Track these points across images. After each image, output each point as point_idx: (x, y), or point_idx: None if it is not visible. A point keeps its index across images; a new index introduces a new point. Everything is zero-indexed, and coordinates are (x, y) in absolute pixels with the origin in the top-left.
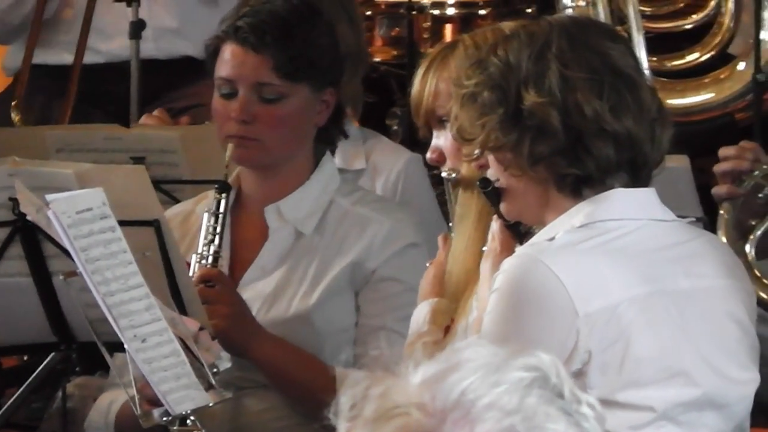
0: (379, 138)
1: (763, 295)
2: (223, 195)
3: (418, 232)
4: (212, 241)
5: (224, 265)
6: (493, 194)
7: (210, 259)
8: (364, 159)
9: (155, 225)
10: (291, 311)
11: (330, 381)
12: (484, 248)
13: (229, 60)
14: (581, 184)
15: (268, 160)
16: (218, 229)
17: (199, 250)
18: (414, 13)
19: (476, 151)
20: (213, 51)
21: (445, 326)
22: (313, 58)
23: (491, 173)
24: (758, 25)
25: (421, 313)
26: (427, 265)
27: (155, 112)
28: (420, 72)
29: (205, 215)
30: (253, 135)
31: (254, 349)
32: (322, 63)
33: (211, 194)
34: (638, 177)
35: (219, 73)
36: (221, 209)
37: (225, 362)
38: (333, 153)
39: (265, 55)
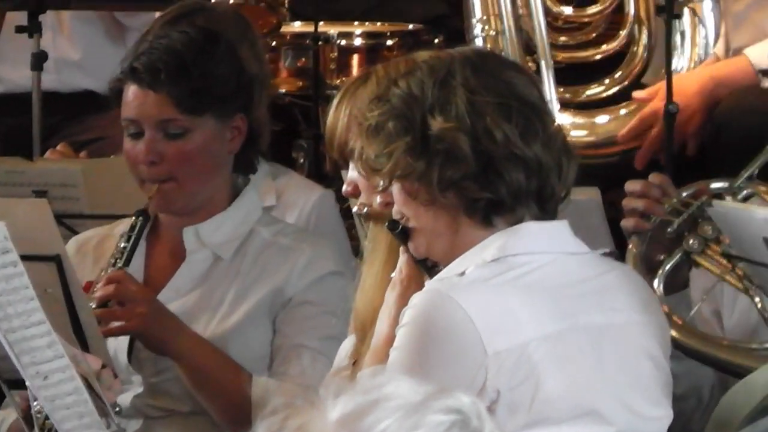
0: (290, 174)
1: (674, 334)
2: (140, 219)
3: (339, 260)
4: (119, 259)
5: None
6: (401, 234)
7: None
8: (274, 195)
9: (56, 260)
10: (207, 335)
11: (245, 384)
12: (392, 275)
13: (130, 101)
14: (492, 212)
15: (187, 200)
16: (128, 248)
17: (108, 271)
18: (320, 43)
19: (384, 182)
20: (116, 92)
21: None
22: (214, 89)
23: (397, 209)
24: (669, 54)
25: (344, 348)
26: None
27: (59, 147)
28: (333, 104)
29: (120, 238)
30: (166, 175)
31: (175, 344)
32: (225, 91)
33: (128, 219)
34: (546, 209)
35: (123, 114)
36: (134, 232)
37: (136, 387)
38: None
39: (163, 93)
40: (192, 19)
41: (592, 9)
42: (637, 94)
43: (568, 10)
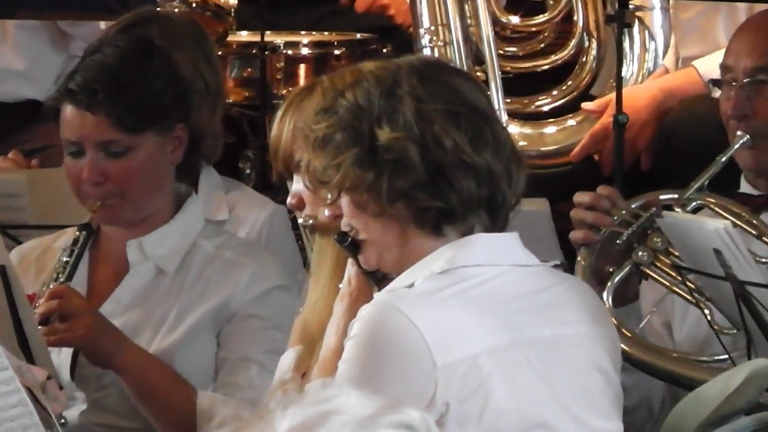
0: (242, 189)
1: (623, 346)
2: (83, 233)
3: (284, 274)
4: (62, 273)
5: None
6: (351, 247)
7: None
8: (226, 210)
9: (1, 271)
10: (151, 350)
11: (191, 397)
12: (341, 286)
13: (69, 121)
14: (442, 221)
15: (132, 213)
16: (70, 263)
17: (51, 285)
18: (267, 53)
19: (333, 194)
20: (53, 112)
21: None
22: (152, 104)
23: (346, 221)
24: (620, 64)
25: (285, 361)
26: (300, 310)
27: (10, 155)
28: (278, 116)
29: (62, 251)
30: (110, 193)
31: (120, 357)
32: (164, 104)
33: (70, 231)
34: (496, 218)
35: (63, 134)
36: (77, 246)
37: (80, 403)
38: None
39: (102, 114)
40: (146, 27)
41: (540, 18)
42: (586, 105)
43: (515, 20)
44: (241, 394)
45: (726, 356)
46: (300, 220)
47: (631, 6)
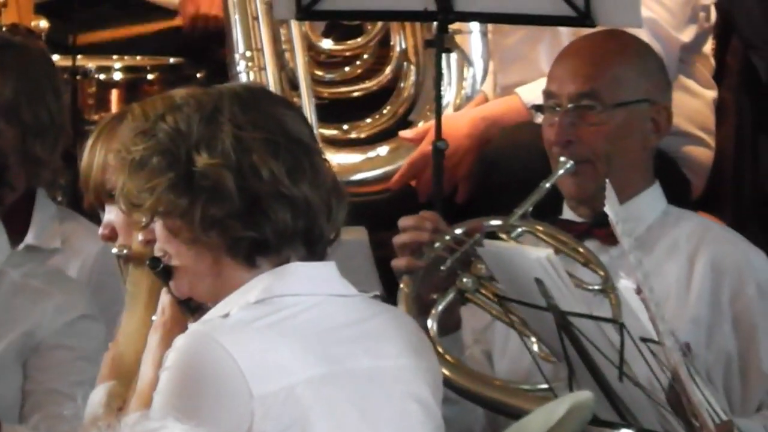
0: (78, 220)
1: (447, 373)
2: None
3: (90, 304)
4: None
5: None
6: (163, 273)
7: None
8: (59, 239)
9: None
10: None
11: None
12: (154, 317)
13: None
14: (256, 252)
15: None
16: None
17: None
18: (78, 78)
19: (146, 218)
20: None
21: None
22: None
23: (159, 246)
24: (438, 90)
25: (96, 397)
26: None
27: None
28: (88, 145)
29: None
30: None
31: None
32: None
33: None
34: (314, 251)
35: None
36: None
37: None
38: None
39: None
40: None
41: (357, 42)
42: (403, 134)
43: (331, 44)
44: (57, 428)
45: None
46: (114, 250)
47: (450, 30)
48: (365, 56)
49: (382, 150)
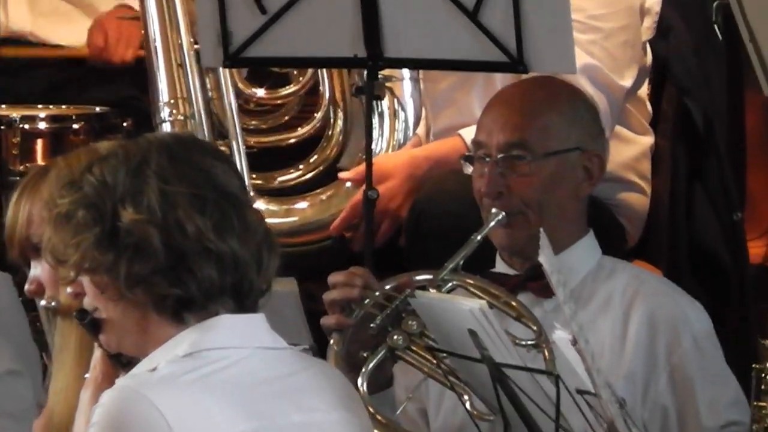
0: None
1: None
2: None
3: (15, 358)
4: None
5: None
6: (91, 326)
7: None
8: None
9: None
10: None
11: None
12: (87, 375)
13: None
14: (182, 309)
15: None
16: None
17: None
18: (2, 127)
19: (71, 274)
20: None
21: None
22: None
23: (88, 300)
24: (369, 137)
25: None
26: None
27: None
28: (13, 199)
29: None
30: None
31: None
32: None
33: None
34: (243, 305)
35: None
36: None
37: None
38: None
39: None
40: None
41: (286, 90)
42: (343, 175)
43: (260, 92)
44: None
45: None
46: (42, 302)
47: (380, 77)
48: (294, 104)
49: (315, 198)
